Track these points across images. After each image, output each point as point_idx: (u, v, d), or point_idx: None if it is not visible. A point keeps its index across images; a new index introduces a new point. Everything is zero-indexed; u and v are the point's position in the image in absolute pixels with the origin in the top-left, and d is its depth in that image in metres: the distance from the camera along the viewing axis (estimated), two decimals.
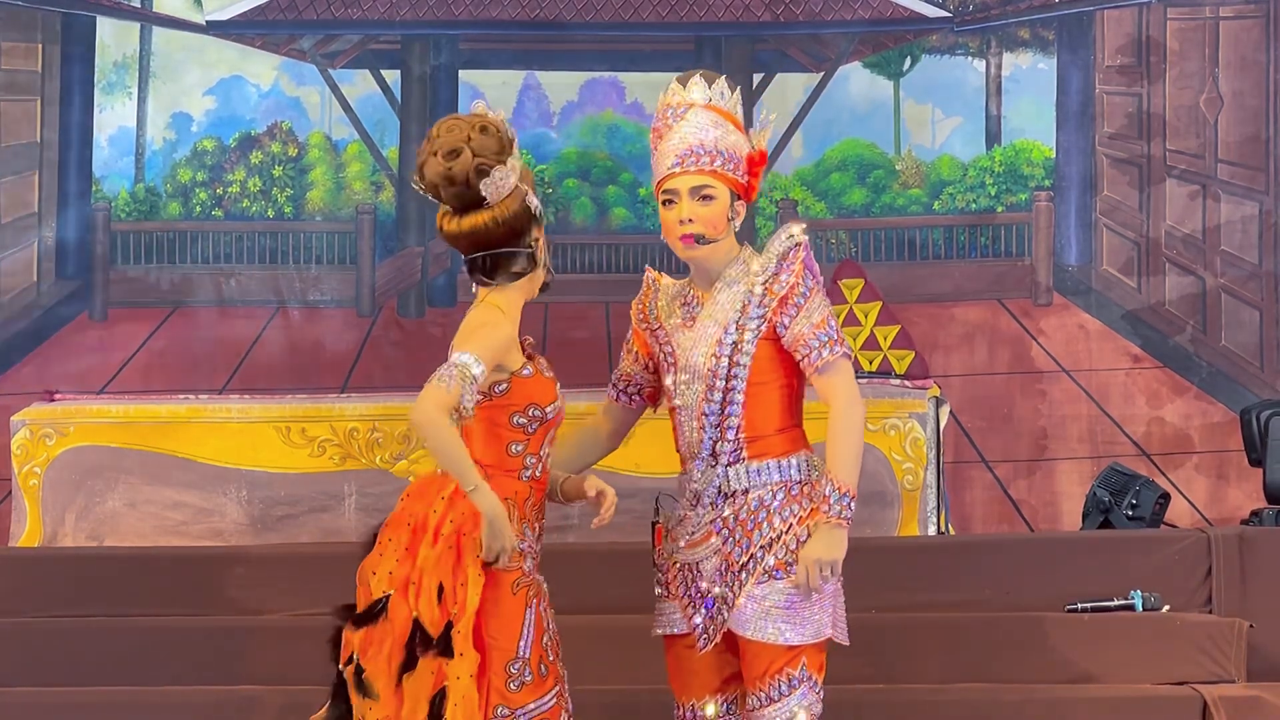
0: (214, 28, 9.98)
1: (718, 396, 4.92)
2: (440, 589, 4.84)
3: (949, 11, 9.98)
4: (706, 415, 4.92)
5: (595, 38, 10.07)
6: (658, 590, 5.12)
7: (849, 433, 4.85)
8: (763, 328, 4.91)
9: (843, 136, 10.01)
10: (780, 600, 4.86)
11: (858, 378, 5.02)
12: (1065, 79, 9.94)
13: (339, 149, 10.00)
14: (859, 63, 10.00)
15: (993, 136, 9.95)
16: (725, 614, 4.91)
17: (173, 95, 9.99)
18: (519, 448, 4.97)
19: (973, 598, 6.99)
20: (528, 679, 4.90)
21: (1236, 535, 7.21)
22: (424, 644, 4.85)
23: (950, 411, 8.38)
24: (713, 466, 4.93)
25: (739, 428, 4.91)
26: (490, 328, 4.86)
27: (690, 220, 4.91)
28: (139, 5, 10.01)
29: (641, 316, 5.13)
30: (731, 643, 4.96)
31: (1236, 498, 8.66)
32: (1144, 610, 6.92)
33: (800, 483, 4.93)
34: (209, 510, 7.79)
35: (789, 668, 4.87)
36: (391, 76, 10.03)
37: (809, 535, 4.87)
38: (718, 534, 4.94)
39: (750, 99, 9.98)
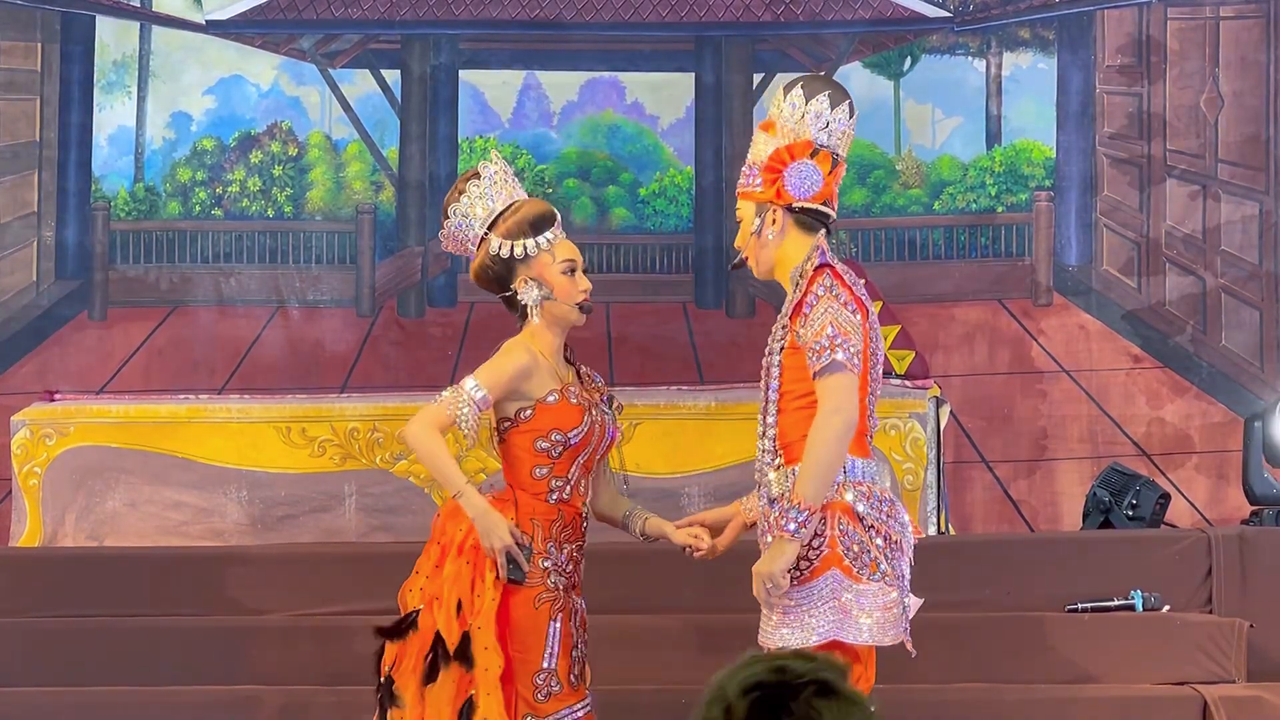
0: (214, 27, 9.97)
1: (763, 406, 4.99)
2: (459, 604, 5.05)
3: (949, 11, 9.97)
4: (760, 425, 5.01)
5: (595, 38, 10.06)
6: None
7: (815, 444, 4.83)
8: (786, 337, 4.97)
9: None
10: (779, 603, 4.90)
11: None
12: (1065, 79, 9.93)
13: (339, 149, 9.99)
14: (859, 63, 10.00)
15: (993, 136, 9.94)
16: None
17: (172, 95, 9.98)
18: (543, 471, 5.15)
19: (973, 598, 7.00)
20: (555, 689, 5.09)
21: (1236, 535, 7.22)
22: (445, 656, 5.02)
23: (950, 411, 8.38)
24: (766, 473, 5.00)
25: (775, 435, 4.96)
26: (501, 356, 5.14)
27: (739, 247, 5.09)
28: (139, 4, 10.00)
29: None
30: None
31: (1236, 498, 8.64)
32: (1144, 610, 6.93)
33: (838, 483, 4.96)
34: (209, 510, 7.79)
35: None
36: (391, 76, 10.03)
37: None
38: (762, 537, 5.03)
39: (750, 99, 9.98)
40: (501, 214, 5.22)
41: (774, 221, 5.00)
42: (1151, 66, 9.80)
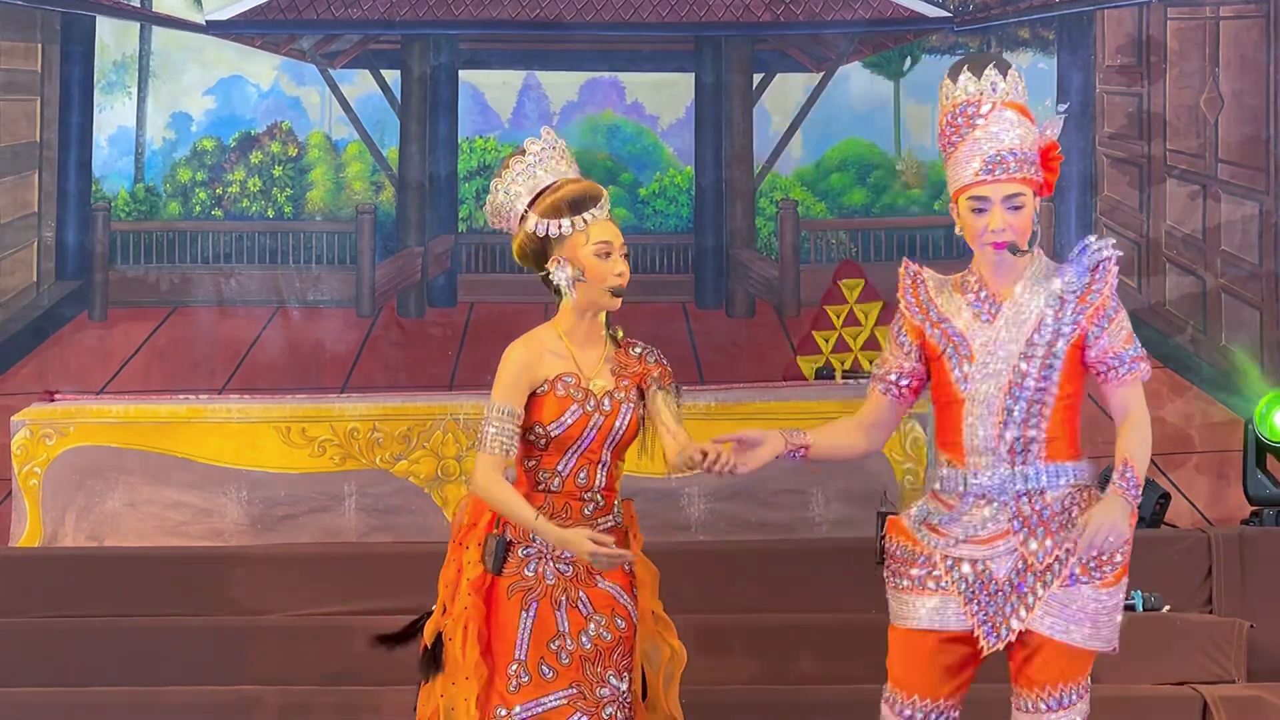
0: (214, 28, 9.97)
1: (1027, 396, 4.92)
2: (444, 605, 5.09)
3: (949, 11, 9.98)
4: (1010, 413, 4.92)
5: (595, 38, 10.06)
6: (903, 583, 5.03)
7: (1147, 436, 4.92)
8: (1074, 336, 5.01)
9: (843, 137, 10.01)
10: (1086, 606, 4.91)
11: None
12: (1065, 79, 9.94)
13: (339, 149, 10.00)
14: (859, 63, 10.00)
15: None
16: (1024, 614, 4.93)
17: (172, 95, 9.98)
18: (532, 463, 5.15)
19: None
20: (525, 680, 5.04)
21: (1236, 535, 7.22)
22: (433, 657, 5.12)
23: None
24: (1009, 464, 4.93)
25: (1043, 429, 4.93)
26: (502, 366, 5.10)
27: (1003, 229, 4.96)
28: (139, 5, 10.00)
29: (917, 308, 5.07)
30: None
31: (1237, 498, 8.64)
32: (1144, 610, 6.92)
33: (1089, 486, 4.97)
34: (209, 510, 7.80)
35: (1080, 675, 4.95)
36: (391, 76, 10.03)
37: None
38: (1015, 533, 4.93)
39: (750, 99, 9.98)
40: (543, 191, 5.18)
41: (1036, 209, 5.06)
42: (1151, 66, 9.80)
